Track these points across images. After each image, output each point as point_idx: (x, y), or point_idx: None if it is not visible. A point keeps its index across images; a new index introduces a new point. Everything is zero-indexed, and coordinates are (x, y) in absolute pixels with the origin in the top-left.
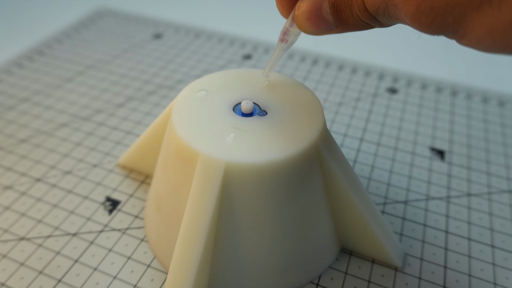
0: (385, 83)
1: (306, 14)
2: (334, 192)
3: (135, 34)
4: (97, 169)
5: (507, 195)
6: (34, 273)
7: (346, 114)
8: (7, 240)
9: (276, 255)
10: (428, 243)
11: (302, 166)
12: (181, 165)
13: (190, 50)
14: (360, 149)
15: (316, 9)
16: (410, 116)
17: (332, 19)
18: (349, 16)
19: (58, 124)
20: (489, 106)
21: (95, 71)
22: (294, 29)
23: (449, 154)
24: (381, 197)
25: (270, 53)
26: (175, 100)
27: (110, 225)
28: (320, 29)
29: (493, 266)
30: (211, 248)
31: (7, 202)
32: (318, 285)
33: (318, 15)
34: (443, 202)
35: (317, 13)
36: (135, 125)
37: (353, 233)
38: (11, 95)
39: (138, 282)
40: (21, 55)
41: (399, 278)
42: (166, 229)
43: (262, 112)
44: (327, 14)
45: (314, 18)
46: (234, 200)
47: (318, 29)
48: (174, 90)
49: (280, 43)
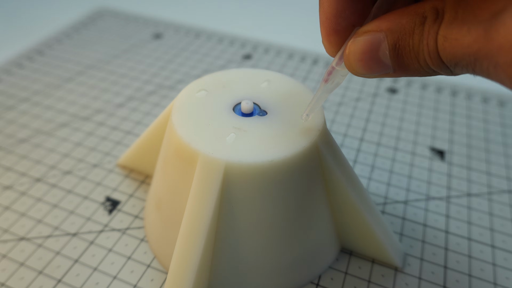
0: (385, 83)
1: (360, 54)
2: (334, 192)
3: (135, 34)
4: (97, 169)
5: (507, 195)
6: (34, 273)
7: (346, 114)
8: (7, 240)
9: (276, 255)
10: (428, 243)
11: (302, 166)
12: (181, 165)
13: (190, 50)
14: (360, 149)
15: (372, 50)
16: (410, 116)
17: (391, 62)
18: (413, 62)
19: (58, 124)
20: (489, 106)
21: (95, 71)
22: (342, 68)
23: (449, 154)
24: (381, 197)
25: (270, 53)
26: (175, 100)
27: (110, 225)
28: (373, 72)
29: (493, 266)
30: (211, 248)
31: (7, 202)
32: (318, 285)
33: (374, 57)
34: (443, 202)
35: (372, 54)
36: (135, 125)
37: (353, 233)
38: (11, 95)
39: (138, 282)
40: (21, 55)
41: (399, 278)
42: (166, 229)
43: (262, 112)
44: (384, 56)
45: (368, 59)
46: (234, 200)
47: (371, 72)
48: (174, 90)
49: (324, 83)
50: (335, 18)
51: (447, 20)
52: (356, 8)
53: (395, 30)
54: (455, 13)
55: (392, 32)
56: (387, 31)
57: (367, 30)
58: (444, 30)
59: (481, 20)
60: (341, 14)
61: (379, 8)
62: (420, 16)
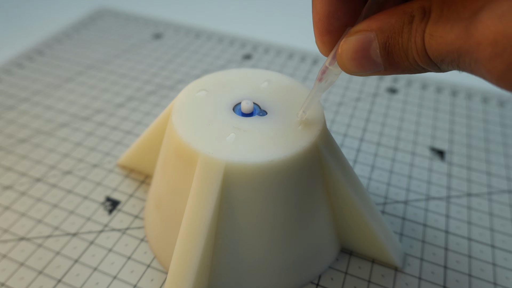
0: (385, 83)
1: (352, 53)
2: (334, 192)
3: (135, 34)
4: (97, 169)
5: (507, 195)
6: (34, 273)
7: (346, 114)
8: (7, 240)
9: (276, 255)
10: (428, 243)
11: (302, 166)
12: (181, 165)
13: (190, 50)
14: (360, 149)
15: (363, 49)
16: (410, 116)
17: (382, 60)
18: (403, 59)
19: (58, 124)
20: (489, 106)
21: (95, 71)
22: (335, 67)
23: (449, 154)
24: (381, 197)
25: (270, 53)
26: (175, 100)
27: (110, 225)
28: (365, 71)
29: (493, 266)
30: (211, 248)
31: (7, 202)
32: (318, 285)
33: (365, 56)
34: (443, 202)
35: (364, 53)
36: (135, 125)
37: (353, 233)
38: (11, 95)
39: (138, 282)
40: (21, 55)
41: (399, 278)
42: (166, 229)
43: (262, 112)
44: (375, 55)
45: (360, 58)
46: (234, 200)
47: (363, 70)
48: (174, 90)
49: (318, 82)
50: (327, 19)
51: (433, 19)
52: (348, 9)
53: (385, 29)
54: (440, 12)
55: (382, 31)
56: (378, 30)
57: (358, 29)
58: (430, 28)
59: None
60: (334, 15)
61: (370, 9)
62: (408, 15)
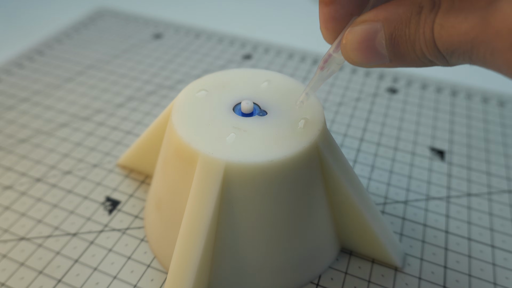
0: (385, 83)
1: (356, 43)
2: (334, 192)
3: (135, 34)
4: (97, 169)
5: (507, 195)
6: (34, 273)
7: (346, 114)
8: (7, 240)
9: (276, 255)
10: (428, 243)
11: (302, 166)
12: (181, 165)
13: (190, 50)
14: (360, 149)
15: (368, 39)
16: (410, 116)
17: (387, 52)
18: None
19: (58, 124)
20: (489, 106)
21: (95, 71)
22: (338, 56)
23: (449, 154)
24: (381, 197)
25: (270, 53)
26: (175, 100)
27: (110, 225)
28: (370, 62)
29: (493, 266)
30: (211, 248)
31: (7, 202)
32: (318, 285)
33: (370, 46)
34: (443, 202)
35: (369, 43)
36: (135, 125)
37: (353, 233)
38: (11, 95)
39: (138, 282)
40: (21, 55)
41: (399, 278)
42: (166, 229)
43: (262, 112)
44: (381, 46)
45: (365, 49)
46: (234, 200)
47: (368, 62)
48: (174, 90)
49: (320, 71)
50: (333, 5)
51: (444, 9)
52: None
53: (392, 19)
54: (452, 2)
55: (389, 22)
56: (384, 21)
57: (364, 19)
58: (441, 19)
59: (478, 7)
60: (339, 1)
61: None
62: (416, 6)
